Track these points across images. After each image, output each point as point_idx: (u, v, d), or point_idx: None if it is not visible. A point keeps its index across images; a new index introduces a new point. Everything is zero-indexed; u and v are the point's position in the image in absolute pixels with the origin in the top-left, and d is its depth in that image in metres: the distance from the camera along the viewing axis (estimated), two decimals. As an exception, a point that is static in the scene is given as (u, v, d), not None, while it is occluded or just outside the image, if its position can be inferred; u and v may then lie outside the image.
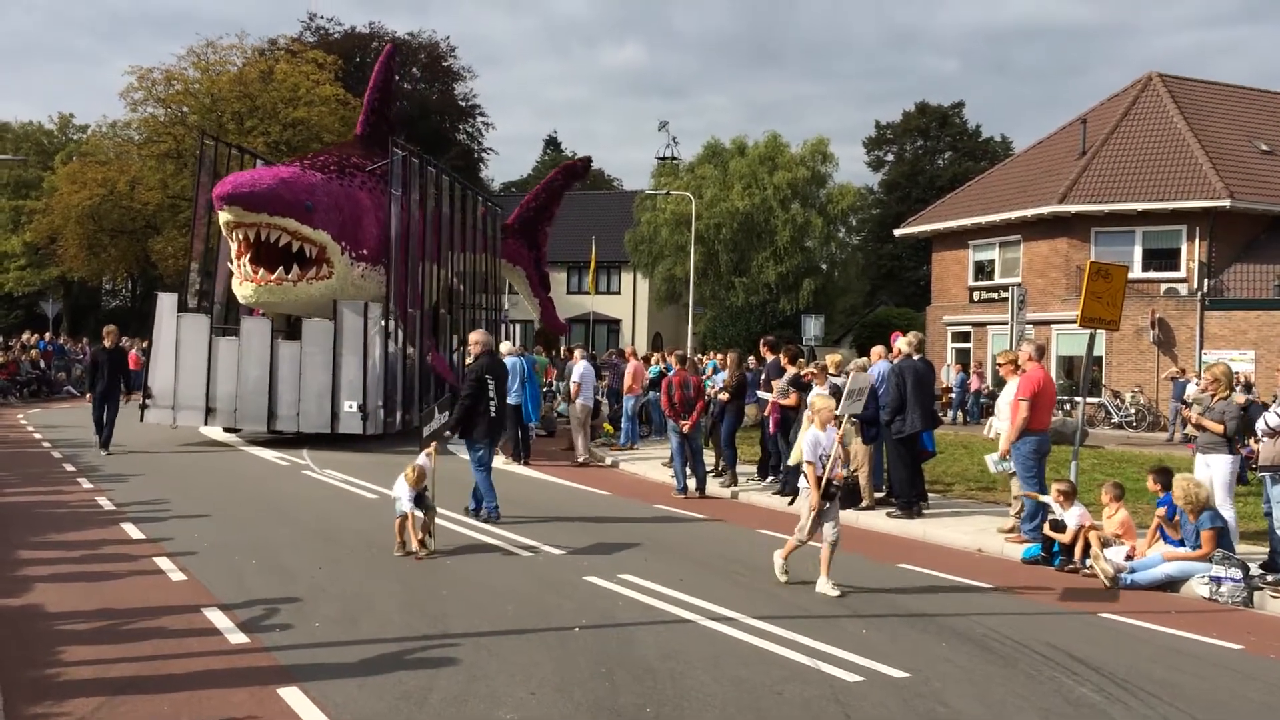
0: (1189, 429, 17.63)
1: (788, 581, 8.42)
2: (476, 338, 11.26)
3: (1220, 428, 9.52)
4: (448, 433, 10.56)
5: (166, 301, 18.35)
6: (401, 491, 9.17)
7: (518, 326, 30.47)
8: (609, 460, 16.83)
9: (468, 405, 10.60)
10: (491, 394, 10.67)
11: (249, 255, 17.11)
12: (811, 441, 8.31)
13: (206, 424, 17.96)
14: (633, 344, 37.06)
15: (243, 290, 17.48)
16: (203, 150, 19.86)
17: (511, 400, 15.70)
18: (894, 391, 11.55)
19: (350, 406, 17.14)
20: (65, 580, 7.98)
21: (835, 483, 8.24)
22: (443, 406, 10.52)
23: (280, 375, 17.34)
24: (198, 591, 7.75)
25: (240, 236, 16.94)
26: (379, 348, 17.51)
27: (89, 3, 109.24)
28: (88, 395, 16.83)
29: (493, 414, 10.72)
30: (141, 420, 17.84)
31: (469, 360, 11.84)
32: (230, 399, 17.50)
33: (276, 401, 17.34)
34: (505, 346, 18.27)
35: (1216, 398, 9.69)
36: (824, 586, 8.14)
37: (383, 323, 17.63)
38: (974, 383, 28.93)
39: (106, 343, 16.59)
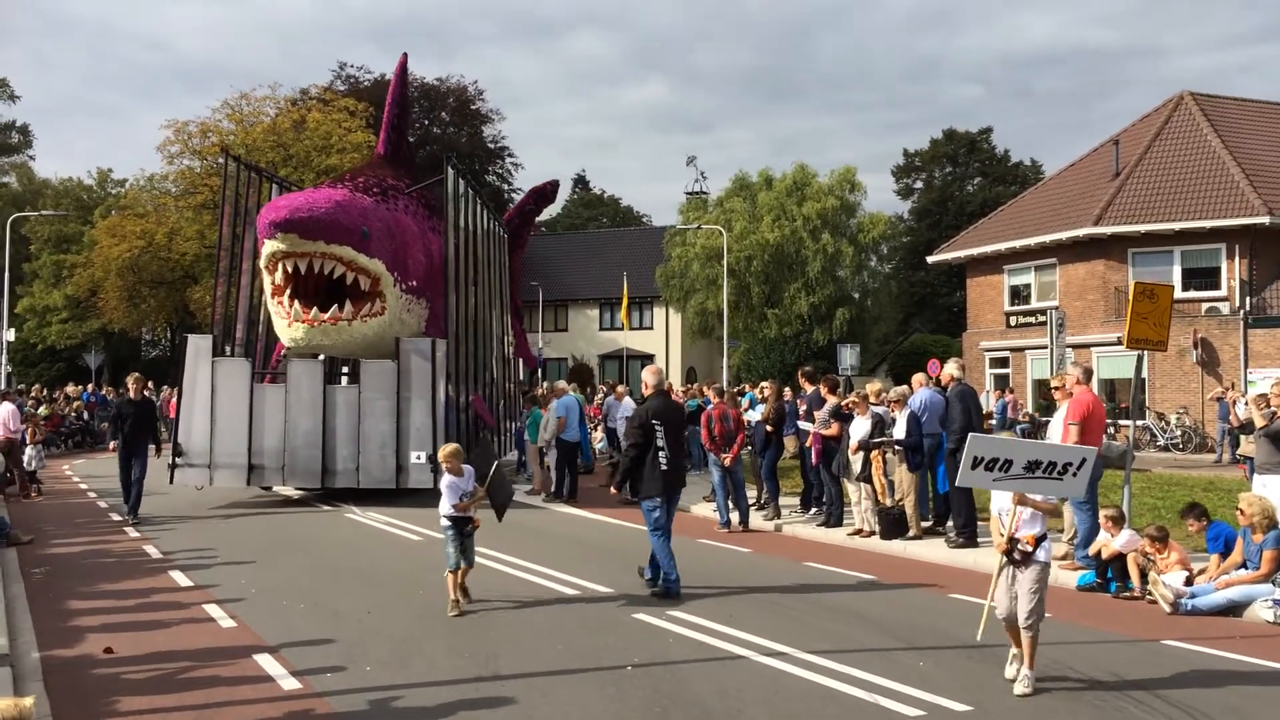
0: (1240, 450, 17.30)
1: (1032, 693, 6.36)
2: (648, 376, 9.66)
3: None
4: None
5: (199, 345, 15.99)
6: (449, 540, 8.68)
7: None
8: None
9: (633, 456, 9.18)
10: (661, 443, 9.08)
11: (290, 290, 15.18)
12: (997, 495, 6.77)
13: (249, 483, 15.80)
14: (668, 379, 37.00)
15: (292, 332, 15.26)
16: (226, 168, 17.95)
17: (571, 438, 15.67)
18: (962, 416, 11.43)
19: (419, 458, 15.17)
20: (117, 629, 8.02)
21: (1021, 545, 6.47)
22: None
23: (335, 425, 15.38)
24: (248, 637, 7.76)
25: (287, 268, 14.85)
26: (443, 391, 15.67)
27: (124, 60, 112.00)
28: (111, 445, 15.29)
29: (664, 466, 9.10)
30: (171, 482, 15.51)
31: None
32: (277, 454, 15.40)
33: (331, 455, 15.35)
34: (561, 384, 18.08)
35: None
36: (1018, 677, 6.47)
37: (447, 363, 15.90)
38: (1010, 409, 28.52)
39: (131, 393, 14.55)
